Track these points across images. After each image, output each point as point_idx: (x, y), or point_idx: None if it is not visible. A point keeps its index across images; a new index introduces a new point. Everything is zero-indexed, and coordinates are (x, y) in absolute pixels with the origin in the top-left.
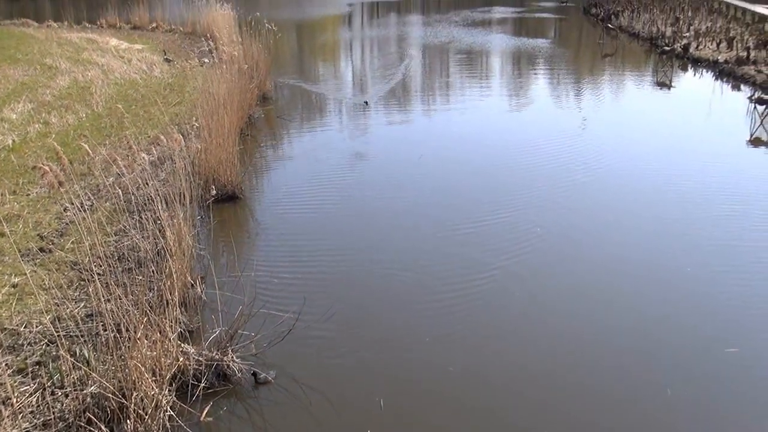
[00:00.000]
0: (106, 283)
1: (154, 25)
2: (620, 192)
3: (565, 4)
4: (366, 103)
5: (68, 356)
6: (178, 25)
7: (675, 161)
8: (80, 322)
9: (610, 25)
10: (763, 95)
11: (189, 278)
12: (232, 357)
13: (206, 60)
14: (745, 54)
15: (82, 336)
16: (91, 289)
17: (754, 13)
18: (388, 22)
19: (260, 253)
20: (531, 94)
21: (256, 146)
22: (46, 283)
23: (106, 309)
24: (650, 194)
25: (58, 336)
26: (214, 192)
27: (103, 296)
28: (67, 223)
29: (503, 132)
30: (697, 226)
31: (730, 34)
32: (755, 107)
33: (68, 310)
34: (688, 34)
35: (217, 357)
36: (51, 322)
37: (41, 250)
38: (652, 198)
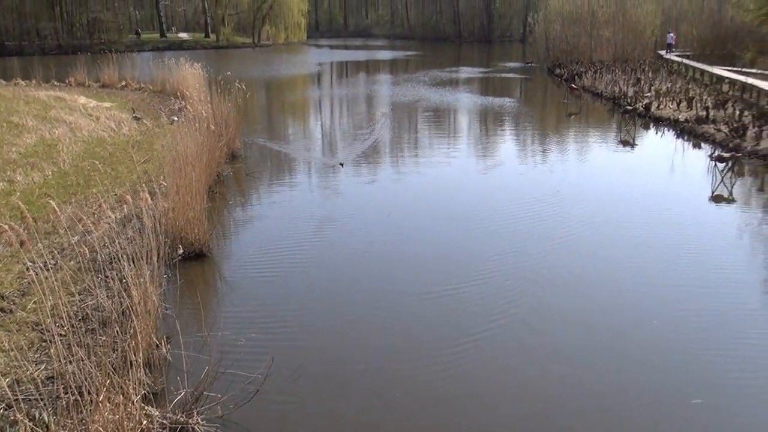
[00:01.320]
0: (69, 344)
1: (123, 83)
2: (588, 253)
3: (529, 64)
4: (341, 164)
5: (27, 421)
6: (147, 84)
7: (640, 219)
8: (40, 384)
9: (573, 85)
10: (722, 153)
11: (154, 338)
12: (198, 419)
13: (175, 118)
14: (704, 113)
15: (42, 399)
16: (52, 351)
17: (712, 74)
18: (358, 81)
19: (228, 312)
20: (499, 154)
21: (224, 204)
22: (6, 344)
23: (68, 371)
24: (617, 252)
25: (16, 400)
26: (182, 250)
27: (64, 358)
28: (29, 283)
29: (473, 192)
30: (664, 281)
31: (690, 94)
32: (715, 165)
33: (28, 373)
34: (649, 94)
35: (182, 420)
36: (9, 386)
37: (2, 310)
38: (620, 255)
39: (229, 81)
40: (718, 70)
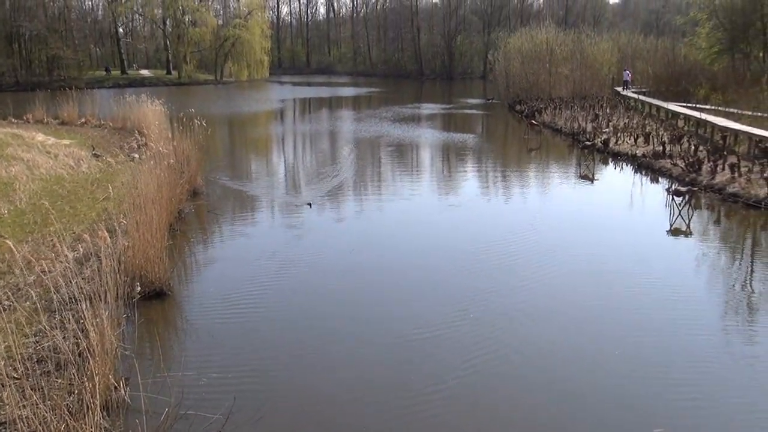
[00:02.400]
0: (22, 388)
1: (83, 120)
2: (551, 286)
3: (490, 101)
4: (310, 204)
5: None
6: (108, 121)
7: (601, 253)
8: None
9: (534, 121)
10: (679, 187)
11: (112, 380)
12: None
13: (136, 155)
14: (661, 148)
15: None
16: (5, 396)
17: (667, 110)
18: (321, 118)
19: (188, 352)
20: (462, 190)
21: (185, 242)
22: None
23: (21, 416)
24: (580, 286)
25: None
26: (141, 289)
27: (18, 402)
28: None
29: (437, 229)
30: (626, 314)
31: (647, 130)
32: (673, 199)
33: None
34: (607, 129)
35: None
36: None
37: None
38: (583, 289)
39: (190, 117)
40: (673, 106)
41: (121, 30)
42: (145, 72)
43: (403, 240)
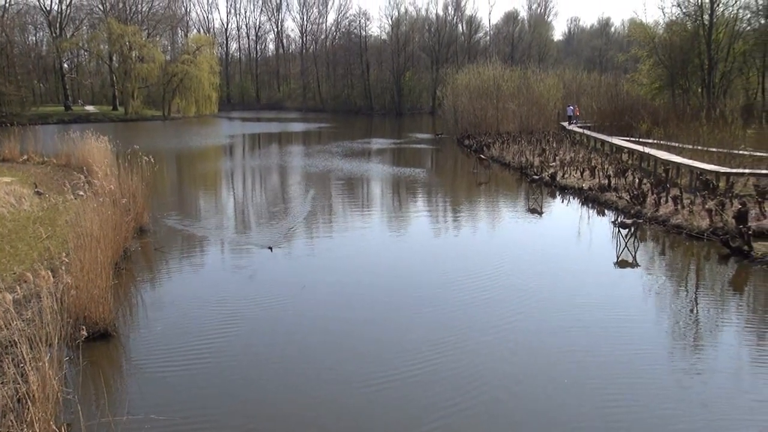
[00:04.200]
0: None
1: (25, 157)
2: (499, 319)
3: (439, 136)
4: (270, 248)
5: None
6: (51, 158)
7: (549, 286)
8: None
9: (482, 156)
10: (625, 220)
11: (53, 426)
12: None
13: (80, 193)
14: (606, 182)
15: None
16: None
17: (612, 144)
18: (270, 153)
19: (133, 395)
20: (413, 225)
21: (131, 281)
22: None
23: None
24: (529, 319)
25: None
26: (85, 331)
27: None
28: None
29: (388, 265)
30: (575, 346)
31: (592, 164)
32: (619, 231)
33: None
34: (554, 163)
35: None
36: None
37: None
38: (531, 322)
39: (136, 154)
40: (617, 141)
41: (65, 65)
42: (90, 108)
43: (353, 277)
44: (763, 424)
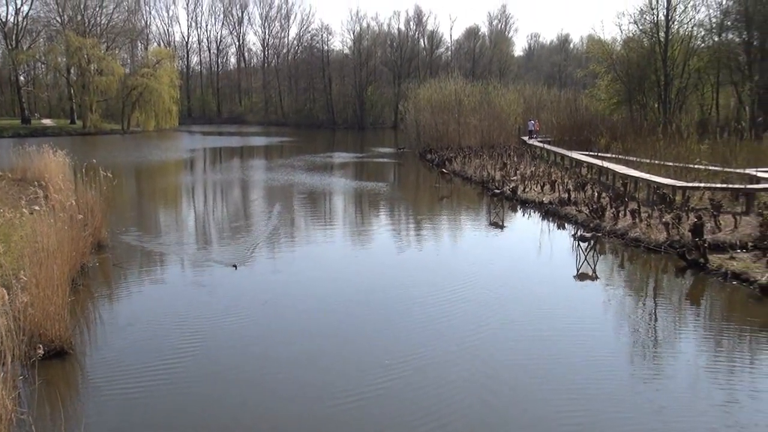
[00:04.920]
0: None
1: None
2: (459, 333)
3: (402, 150)
4: (234, 266)
5: None
6: (6, 172)
7: (510, 299)
8: None
9: (444, 170)
10: (584, 233)
11: None
12: None
13: (36, 207)
14: (566, 195)
15: None
16: None
17: (571, 159)
18: (232, 167)
19: (90, 415)
20: (375, 239)
21: (89, 297)
22: None
23: None
24: (489, 332)
25: None
26: (41, 349)
27: None
28: None
29: (351, 280)
30: (535, 357)
31: (552, 178)
32: (579, 244)
33: None
34: (515, 177)
35: None
36: None
37: None
38: (492, 335)
39: (94, 168)
40: (576, 155)
41: (22, 78)
42: (47, 121)
43: (317, 293)
44: (716, 426)
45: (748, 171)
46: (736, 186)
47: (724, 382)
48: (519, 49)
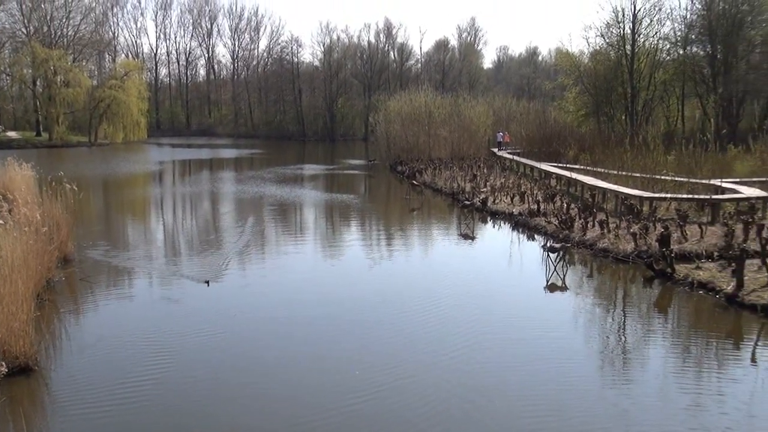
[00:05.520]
0: None
1: None
2: (433, 344)
3: (372, 162)
4: (207, 282)
5: None
6: None
7: (481, 311)
8: None
9: (415, 182)
10: (554, 244)
11: None
12: None
13: (0, 221)
14: (535, 207)
15: None
16: None
17: (540, 170)
18: (201, 180)
19: None
20: (347, 252)
21: (55, 313)
22: None
23: None
24: (461, 343)
25: None
26: (4, 366)
27: None
28: None
29: (321, 293)
30: (506, 367)
31: (522, 189)
32: (548, 255)
33: None
34: (485, 189)
35: None
36: None
37: None
38: (464, 347)
39: (62, 181)
40: (545, 166)
41: None
42: (12, 134)
43: (288, 307)
44: (681, 430)
45: (713, 182)
46: (702, 197)
47: (690, 387)
48: (488, 61)
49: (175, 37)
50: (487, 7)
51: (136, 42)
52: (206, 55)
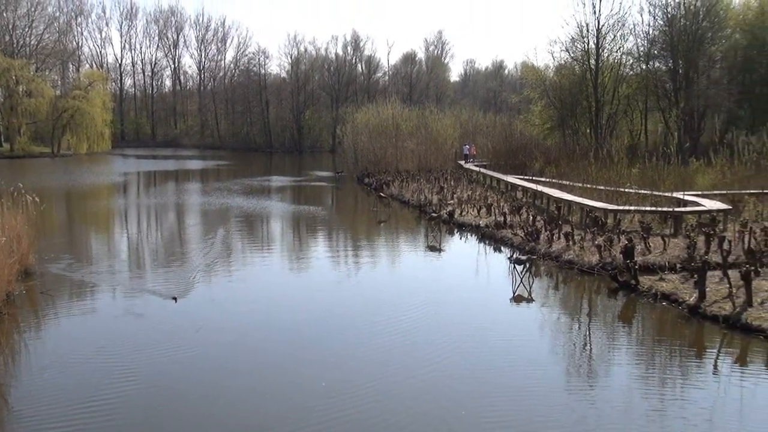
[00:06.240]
0: None
1: None
2: (400, 357)
3: (339, 174)
4: (174, 299)
5: None
6: None
7: (447, 323)
8: None
9: (382, 194)
10: (520, 256)
11: None
12: None
13: None
14: (502, 219)
15: None
16: None
17: (507, 183)
18: (167, 191)
19: None
20: (314, 264)
21: (14, 326)
22: None
23: None
24: (427, 356)
25: None
26: None
27: None
28: None
29: (287, 306)
30: (473, 379)
31: (489, 201)
32: (514, 267)
33: None
34: (452, 201)
35: None
36: None
37: None
38: (430, 359)
39: (23, 192)
40: (512, 179)
41: None
42: None
43: (249, 321)
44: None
45: (675, 194)
46: (665, 209)
47: (654, 396)
48: (455, 74)
49: (141, 47)
50: (454, 21)
51: (100, 52)
52: (172, 66)
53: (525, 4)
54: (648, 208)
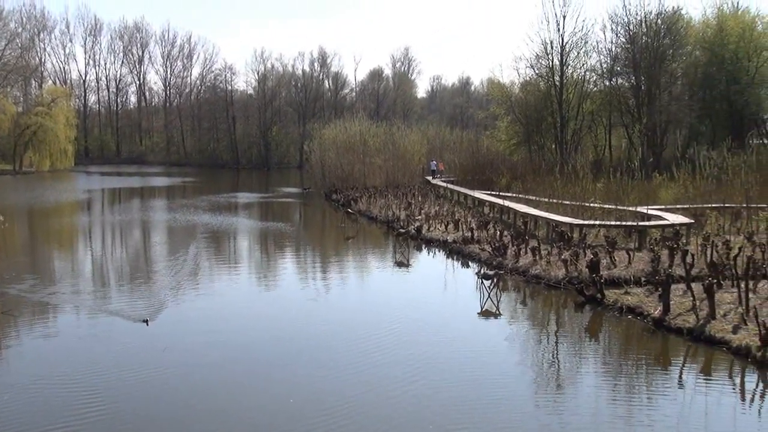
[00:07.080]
0: None
1: None
2: (368, 374)
3: (307, 190)
4: (146, 321)
5: None
6: None
7: (415, 338)
8: None
9: (350, 210)
10: (487, 271)
11: None
12: None
13: None
14: (469, 234)
15: None
16: None
17: (474, 198)
18: (132, 208)
19: None
20: (281, 281)
21: None
22: None
23: None
24: (395, 370)
25: None
26: None
27: None
28: None
29: (255, 325)
30: (440, 394)
31: (456, 217)
32: (482, 282)
33: None
34: (420, 217)
35: None
36: None
37: None
38: (397, 373)
39: None
40: (479, 194)
41: None
42: None
43: (217, 341)
44: None
45: (639, 209)
46: (629, 223)
47: (620, 407)
48: (422, 90)
49: (105, 64)
50: (421, 37)
51: (64, 68)
52: (137, 82)
53: (491, 21)
54: (613, 223)
